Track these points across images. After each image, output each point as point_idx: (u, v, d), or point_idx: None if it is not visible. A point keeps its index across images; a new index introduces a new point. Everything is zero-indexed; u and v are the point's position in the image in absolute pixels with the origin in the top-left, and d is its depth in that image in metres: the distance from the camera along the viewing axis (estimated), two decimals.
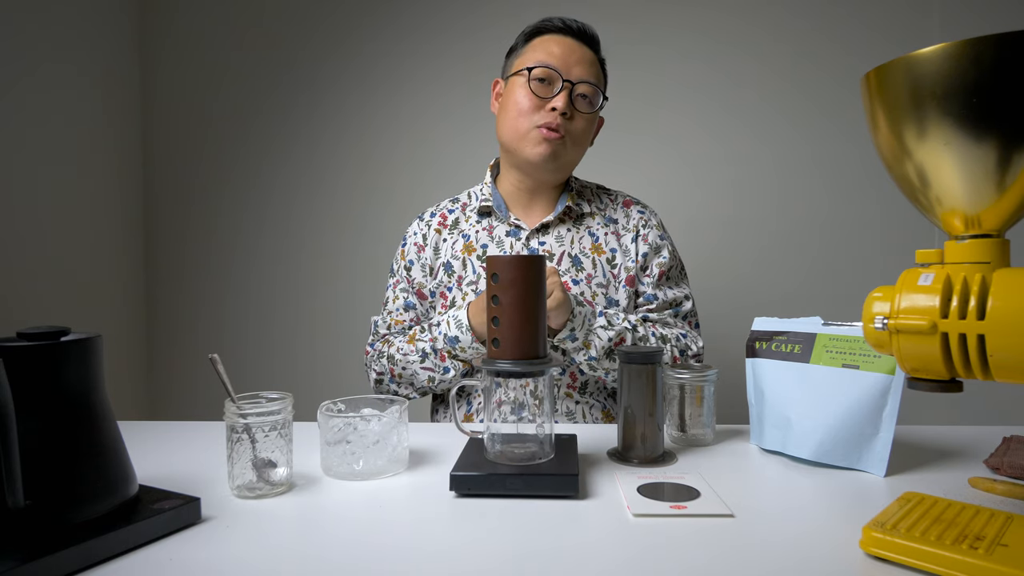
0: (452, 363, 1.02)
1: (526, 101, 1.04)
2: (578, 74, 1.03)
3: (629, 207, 1.15)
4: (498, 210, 1.11)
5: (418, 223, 1.17)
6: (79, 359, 0.54)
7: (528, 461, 0.67)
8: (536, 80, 1.03)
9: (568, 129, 1.04)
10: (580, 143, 1.07)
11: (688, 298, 1.11)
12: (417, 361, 1.04)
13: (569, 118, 1.03)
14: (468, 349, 0.99)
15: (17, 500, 0.47)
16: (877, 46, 1.72)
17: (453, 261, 1.10)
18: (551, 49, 1.04)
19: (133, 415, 1.95)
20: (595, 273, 1.07)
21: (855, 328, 0.75)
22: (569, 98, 1.03)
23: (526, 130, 1.04)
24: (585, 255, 1.08)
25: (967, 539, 0.48)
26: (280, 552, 0.53)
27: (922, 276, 0.49)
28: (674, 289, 1.11)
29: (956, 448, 0.79)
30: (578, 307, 0.96)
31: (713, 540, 0.54)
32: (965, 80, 0.44)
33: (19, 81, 1.55)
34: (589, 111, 1.06)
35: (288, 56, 1.94)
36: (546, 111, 1.02)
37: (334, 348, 1.93)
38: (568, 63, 1.03)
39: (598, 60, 1.09)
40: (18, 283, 1.55)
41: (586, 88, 1.04)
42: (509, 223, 1.11)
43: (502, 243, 1.10)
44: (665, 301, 1.09)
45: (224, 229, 1.99)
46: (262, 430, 0.65)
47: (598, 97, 1.07)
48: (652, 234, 1.11)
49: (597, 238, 1.10)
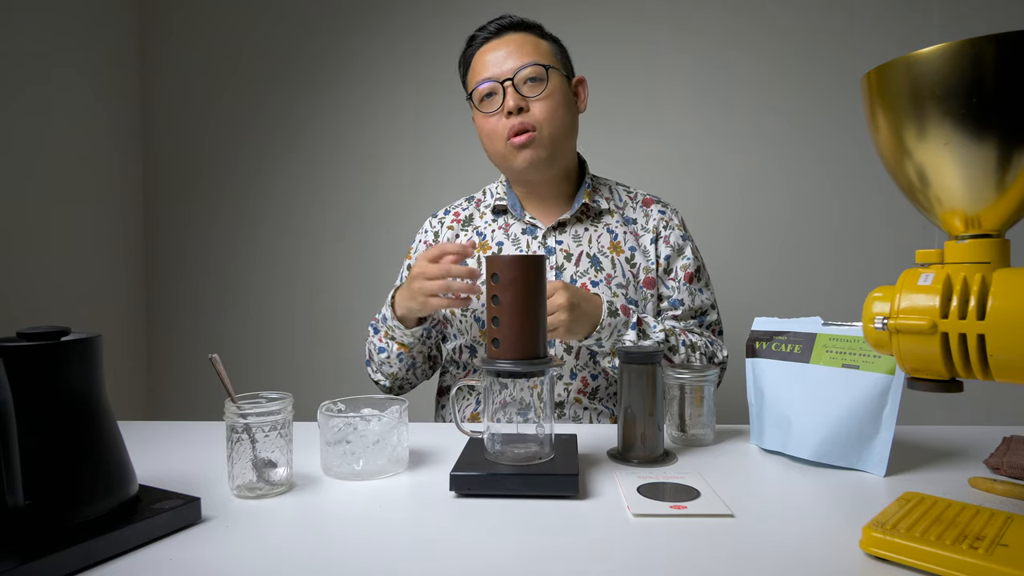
0: (387, 343, 1.04)
1: (487, 124, 1.03)
2: (512, 66, 1.00)
3: (649, 206, 1.12)
4: (512, 209, 1.10)
5: (431, 220, 1.17)
6: (79, 359, 0.54)
7: (528, 461, 0.67)
8: (483, 101, 1.03)
9: (533, 119, 1.00)
10: (557, 122, 1.02)
11: (714, 307, 1.10)
12: (374, 341, 1.06)
13: (527, 110, 1.00)
14: (395, 329, 1.01)
15: (17, 500, 0.47)
16: (877, 46, 1.72)
17: (468, 261, 1.08)
18: (482, 63, 1.03)
19: (133, 415, 1.95)
20: (615, 273, 1.05)
21: (855, 328, 0.75)
22: (517, 92, 1.00)
23: (503, 150, 1.03)
24: (604, 254, 1.06)
25: (967, 539, 0.48)
26: (280, 552, 0.53)
27: (922, 276, 0.49)
28: (702, 295, 1.08)
29: (956, 448, 0.79)
30: (609, 318, 0.94)
31: (713, 540, 0.54)
32: (965, 80, 0.44)
33: (19, 80, 1.55)
34: (541, 91, 1.01)
35: (288, 56, 1.94)
36: (505, 119, 1.01)
37: (334, 348, 1.93)
38: (500, 63, 1.01)
39: (534, 36, 1.05)
40: (18, 283, 1.55)
41: (528, 71, 1.00)
42: (524, 221, 1.09)
43: (518, 241, 1.08)
44: (691, 308, 1.07)
45: (224, 229, 1.99)
46: (262, 430, 0.65)
47: (543, 71, 1.01)
48: (674, 235, 1.09)
49: (616, 236, 1.08)
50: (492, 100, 1.02)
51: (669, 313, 1.07)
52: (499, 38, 1.04)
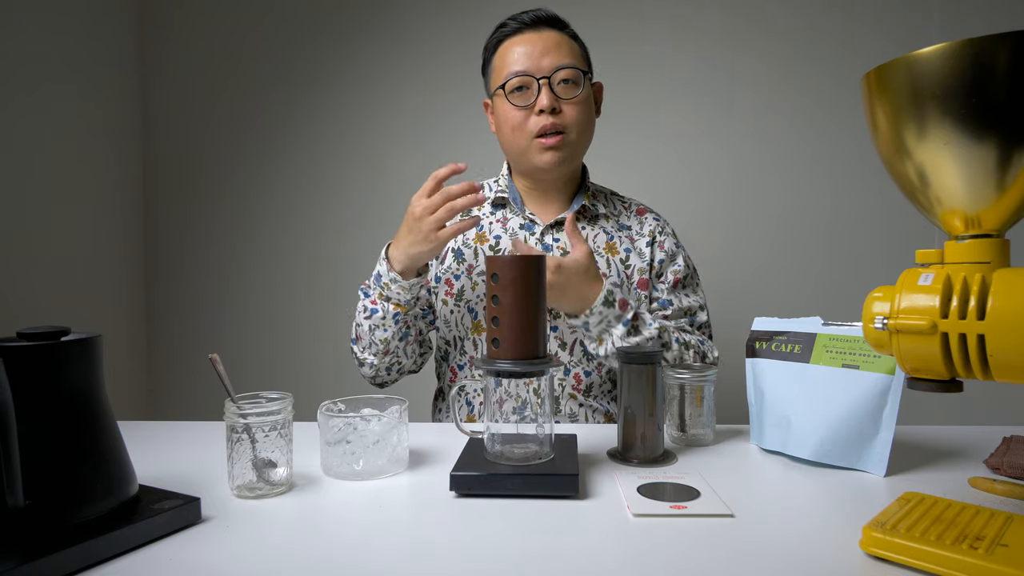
0: (381, 304, 1.01)
1: (514, 116, 1.02)
2: (550, 64, 1.00)
3: (643, 215, 1.14)
4: (513, 203, 1.10)
5: None
6: (79, 359, 0.54)
7: (528, 461, 0.67)
8: (514, 92, 1.02)
9: (565, 123, 1.01)
10: (584, 128, 1.04)
11: (703, 308, 1.10)
12: (361, 312, 1.03)
13: (559, 112, 1.01)
14: (392, 285, 0.98)
15: (17, 500, 0.47)
16: (877, 46, 1.72)
17: (465, 249, 1.09)
18: (516, 53, 1.02)
19: (133, 415, 1.95)
20: (609, 272, 1.06)
21: (855, 328, 0.75)
22: (552, 91, 1.00)
23: (526, 144, 1.03)
24: (599, 254, 1.07)
25: (967, 539, 0.48)
26: (280, 552, 0.53)
27: (922, 276, 0.49)
28: (690, 297, 1.09)
29: (956, 448, 0.79)
30: (602, 307, 0.93)
31: (713, 540, 0.54)
32: (965, 80, 0.44)
33: (19, 80, 1.55)
34: (576, 94, 1.02)
35: (288, 56, 1.94)
36: (536, 116, 1.01)
37: (334, 348, 1.93)
38: (536, 59, 1.00)
39: (567, 36, 1.05)
40: (18, 283, 1.55)
41: (565, 73, 1.01)
42: (524, 216, 1.09)
43: (516, 235, 1.08)
44: (680, 309, 1.07)
45: (224, 229, 1.99)
46: (262, 430, 0.65)
47: (580, 76, 1.02)
48: (668, 241, 1.11)
49: (611, 237, 1.09)
50: (523, 94, 1.02)
51: (659, 313, 1.07)
52: (534, 31, 1.03)
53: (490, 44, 1.08)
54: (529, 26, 1.03)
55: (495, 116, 1.08)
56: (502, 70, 1.03)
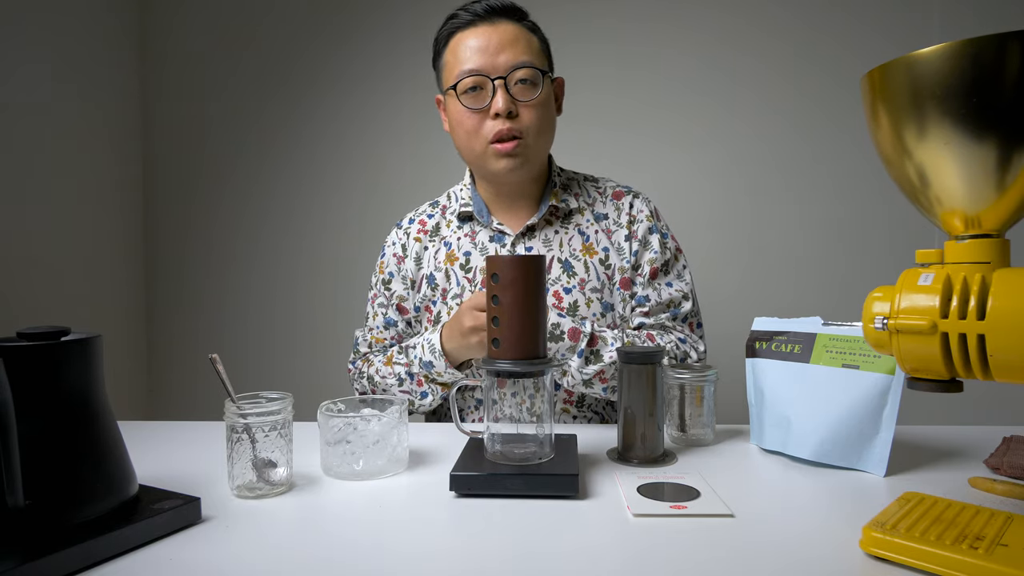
0: (429, 387, 0.98)
1: (468, 119, 0.95)
2: (506, 62, 0.93)
3: (620, 198, 1.06)
4: (479, 215, 1.04)
5: (396, 232, 1.10)
6: (79, 359, 0.54)
7: (528, 461, 0.67)
8: (467, 93, 0.95)
9: (522, 127, 0.94)
10: (543, 130, 0.97)
11: (687, 297, 1.02)
12: (395, 385, 1.00)
13: (516, 115, 0.94)
14: (444, 374, 0.95)
15: (17, 500, 0.47)
16: (877, 46, 1.72)
17: (436, 273, 1.04)
18: (468, 49, 0.94)
19: (133, 415, 1.95)
20: (588, 277, 1.00)
21: (855, 328, 0.75)
22: (508, 93, 0.93)
23: (481, 150, 0.96)
24: (576, 258, 1.01)
25: (967, 539, 0.48)
26: (280, 552, 0.53)
27: (922, 276, 0.49)
28: (671, 287, 1.02)
29: (956, 448, 0.79)
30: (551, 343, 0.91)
31: (713, 540, 0.54)
32: (965, 80, 0.44)
33: (19, 80, 1.55)
34: (534, 96, 0.94)
35: (289, 56, 1.94)
36: (491, 120, 0.94)
37: (334, 348, 1.93)
38: (491, 56, 0.93)
39: (526, 29, 0.97)
40: (18, 283, 1.55)
41: (522, 73, 0.93)
42: (492, 228, 1.03)
43: (486, 250, 1.03)
44: (660, 303, 1.00)
45: (224, 229, 1.99)
46: (262, 430, 0.65)
47: (539, 76, 0.95)
48: (641, 228, 1.03)
49: (588, 237, 1.02)
50: (477, 95, 0.95)
51: (638, 310, 1.01)
52: (488, 23, 0.95)
53: (441, 36, 0.99)
54: (483, 17, 0.95)
55: (448, 116, 1.01)
56: (454, 67, 0.96)
